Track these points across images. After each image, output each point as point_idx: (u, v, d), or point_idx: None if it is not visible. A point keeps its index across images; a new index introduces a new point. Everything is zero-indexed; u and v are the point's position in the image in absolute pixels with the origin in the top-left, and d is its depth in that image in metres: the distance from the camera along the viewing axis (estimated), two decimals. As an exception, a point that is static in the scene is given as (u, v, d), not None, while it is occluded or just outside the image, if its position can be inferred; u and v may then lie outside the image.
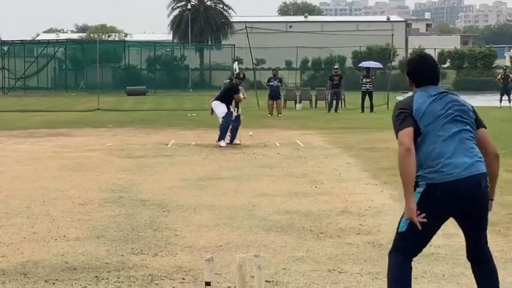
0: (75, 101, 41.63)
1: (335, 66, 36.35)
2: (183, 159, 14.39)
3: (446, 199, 4.55)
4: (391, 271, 4.68)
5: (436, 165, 4.54)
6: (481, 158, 4.64)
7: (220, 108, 17.44)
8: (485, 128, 4.80)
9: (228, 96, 17.67)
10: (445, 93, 4.74)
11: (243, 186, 10.93)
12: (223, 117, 17.26)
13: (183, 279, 6.06)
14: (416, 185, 4.59)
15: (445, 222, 8.47)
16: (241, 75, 18.39)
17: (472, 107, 4.80)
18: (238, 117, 17.88)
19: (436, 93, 4.71)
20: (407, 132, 4.57)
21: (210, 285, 3.63)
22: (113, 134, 20.36)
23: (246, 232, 7.78)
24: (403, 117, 4.62)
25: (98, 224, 8.20)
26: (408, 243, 4.65)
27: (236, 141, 17.53)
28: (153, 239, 7.48)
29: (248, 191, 10.46)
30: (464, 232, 4.82)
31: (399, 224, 4.70)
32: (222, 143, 17.09)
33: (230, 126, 17.37)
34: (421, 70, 4.83)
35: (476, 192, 4.58)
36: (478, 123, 4.78)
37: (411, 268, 4.70)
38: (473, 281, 5.95)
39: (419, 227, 4.51)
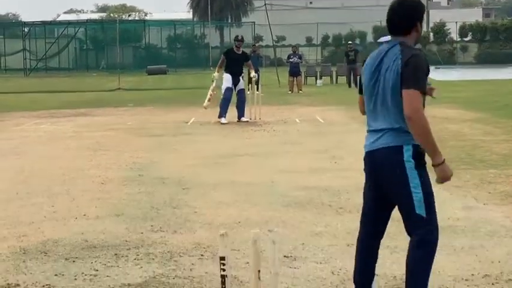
0: (96, 81, 41.76)
1: (349, 42, 36.89)
2: (203, 137, 14.40)
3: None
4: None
5: None
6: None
7: (224, 83, 17.34)
8: None
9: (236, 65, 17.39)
10: None
11: (262, 163, 10.93)
12: (222, 93, 17.21)
13: (201, 255, 6.08)
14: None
15: (465, 194, 8.38)
16: (240, 37, 17.71)
17: None
18: (241, 91, 17.41)
19: None
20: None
21: (224, 259, 3.63)
22: (133, 113, 20.41)
23: (265, 208, 7.78)
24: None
25: (118, 203, 8.23)
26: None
27: (244, 118, 17.28)
28: (172, 216, 7.50)
29: (268, 168, 10.45)
30: None
31: None
32: (223, 120, 16.91)
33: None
34: None
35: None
36: None
37: (370, 245, 4.80)
38: (493, 253, 5.93)
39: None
